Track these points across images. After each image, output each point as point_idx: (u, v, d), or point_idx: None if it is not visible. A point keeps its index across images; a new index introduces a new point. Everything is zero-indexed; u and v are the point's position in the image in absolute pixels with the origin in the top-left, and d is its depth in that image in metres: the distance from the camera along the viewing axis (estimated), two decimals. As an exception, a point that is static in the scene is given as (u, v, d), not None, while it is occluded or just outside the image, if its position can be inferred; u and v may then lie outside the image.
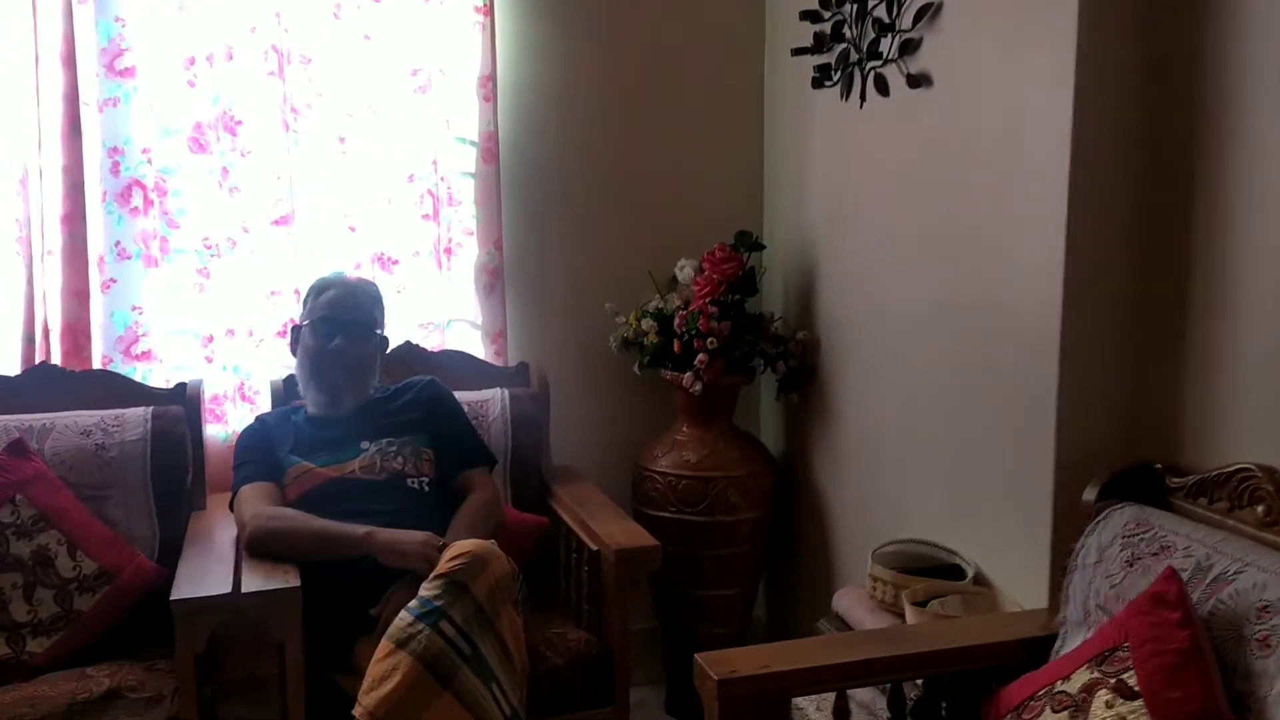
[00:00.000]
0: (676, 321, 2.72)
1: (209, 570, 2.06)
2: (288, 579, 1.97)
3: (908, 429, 2.38)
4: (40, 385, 2.42)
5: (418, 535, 2.03)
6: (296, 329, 2.38)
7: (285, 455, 2.26)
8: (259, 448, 2.30)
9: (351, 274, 2.52)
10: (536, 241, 2.89)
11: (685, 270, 2.79)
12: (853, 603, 2.11)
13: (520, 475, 2.64)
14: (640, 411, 2.96)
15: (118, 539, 2.29)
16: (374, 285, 2.43)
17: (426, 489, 2.25)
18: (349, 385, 2.30)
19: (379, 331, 2.38)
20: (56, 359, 2.50)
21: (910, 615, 1.94)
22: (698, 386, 2.66)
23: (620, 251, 2.93)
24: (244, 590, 1.93)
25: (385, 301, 2.43)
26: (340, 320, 2.29)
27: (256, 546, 2.11)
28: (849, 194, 2.60)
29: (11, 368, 2.48)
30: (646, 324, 2.75)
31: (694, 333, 2.66)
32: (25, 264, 2.46)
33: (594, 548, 2.30)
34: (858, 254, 2.57)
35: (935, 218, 2.25)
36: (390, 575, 2.02)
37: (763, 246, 2.79)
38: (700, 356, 2.65)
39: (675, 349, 2.70)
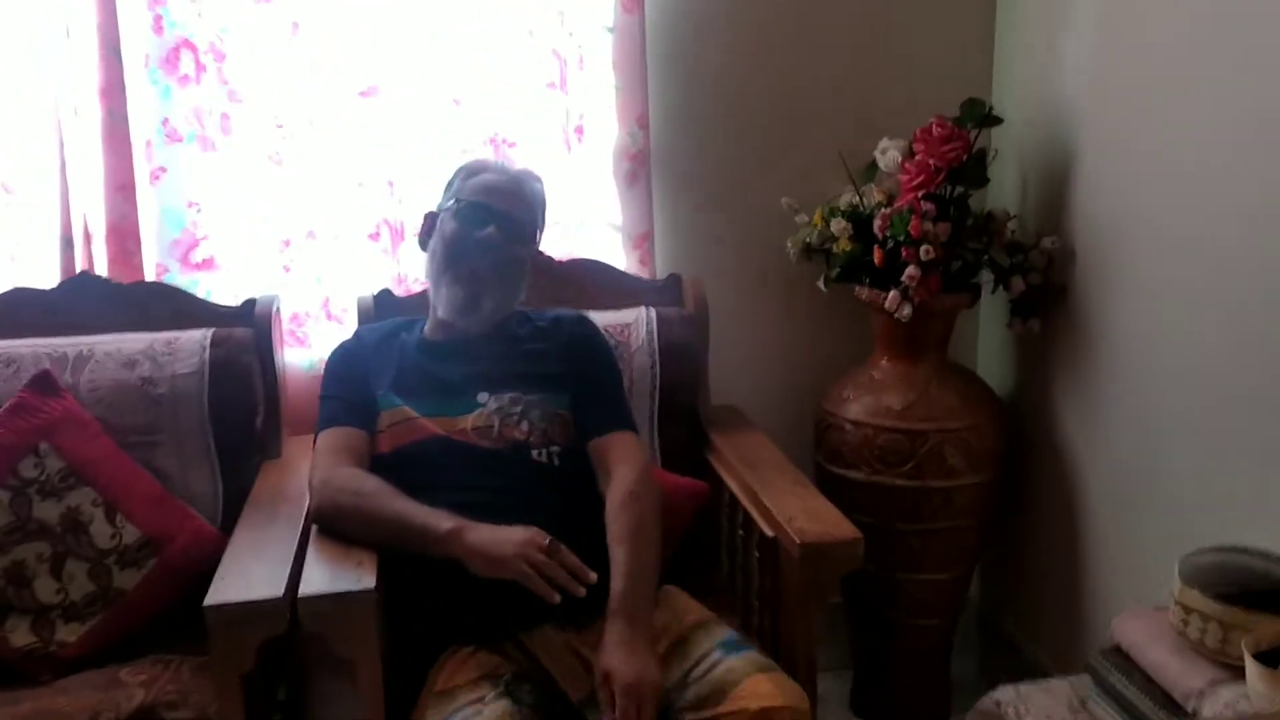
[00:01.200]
0: (877, 222, 2.06)
1: (263, 555, 1.58)
2: (361, 577, 1.47)
3: (1215, 381, 1.69)
4: (79, 300, 1.98)
5: (515, 534, 1.50)
6: (433, 216, 1.84)
7: (384, 391, 1.75)
8: (350, 377, 1.79)
9: (509, 160, 1.99)
10: (693, 116, 2.25)
11: (889, 154, 2.12)
12: (1147, 637, 1.47)
13: (670, 420, 2.08)
14: (825, 339, 2.34)
15: (168, 498, 1.85)
16: (540, 181, 1.88)
17: (556, 462, 1.70)
18: (493, 287, 1.76)
19: (536, 238, 1.88)
20: (101, 268, 2.04)
21: (1259, 678, 1.29)
22: (906, 310, 2.02)
23: (802, 129, 2.28)
24: (301, 593, 1.43)
25: (545, 199, 1.89)
26: (496, 210, 1.76)
27: (324, 523, 1.63)
28: (1131, 54, 1.87)
29: (50, 278, 2.03)
30: (837, 225, 2.11)
31: (902, 237, 2.00)
32: (57, 150, 1.99)
33: (769, 533, 1.72)
34: (1140, 137, 1.85)
35: (1272, 90, 1.52)
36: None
37: (998, 120, 2.08)
38: (910, 270, 2.00)
39: (875, 259, 2.06)
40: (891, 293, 2.03)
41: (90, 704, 1.55)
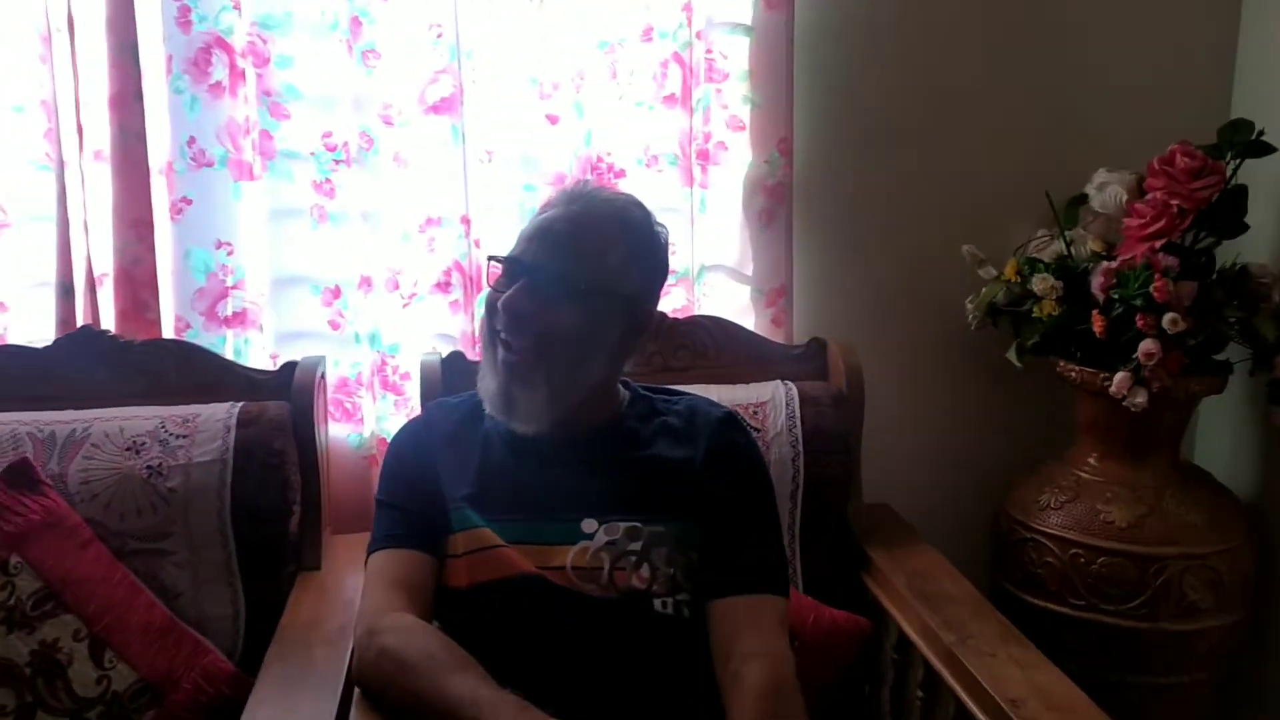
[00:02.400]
0: (1098, 279, 1.60)
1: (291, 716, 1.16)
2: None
3: None
4: (79, 361, 1.61)
5: None
6: None
7: (459, 502, 1.29)
8: (416, 478, 1.33)
9: (613, 188, 1.50)
10: (847, 142, 1.83)
11: (1110, 190, 1.67)
12: None
13: (815, 529, 1.64)
14: (1008, 425, 1.91)
15: (175, 626, 1.45)
16: (636, 209, 1.34)
17: (686, 613, 1.25)
18: (530, 372, 1.26)
19: (619, 293, 1.29)
20: (108, 321, 1.66)
21: None
22: (1141, 397, 1.54)
23: (987, 158, 1.83)
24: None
25: (660, 239, 1.35)
26: (527, 260, 1.26)
27: (365, 687, 1.21)
28: None
29: (45, 333, 1.65)
30: (1041, 281, 1.65)
31: (1137, 301, 1.53)
32: (56, 174, 1.61)
33: (982, 718, 1.25)
34: None
35: None
36: None
37: (1270, 149, 1.59)
38: (1147, 345, 1.53)
39: (1096, 327, 1.59)
40: (1120, 374, 1.56)
41: None
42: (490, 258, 1.31)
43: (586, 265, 1.26)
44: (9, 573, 1.38)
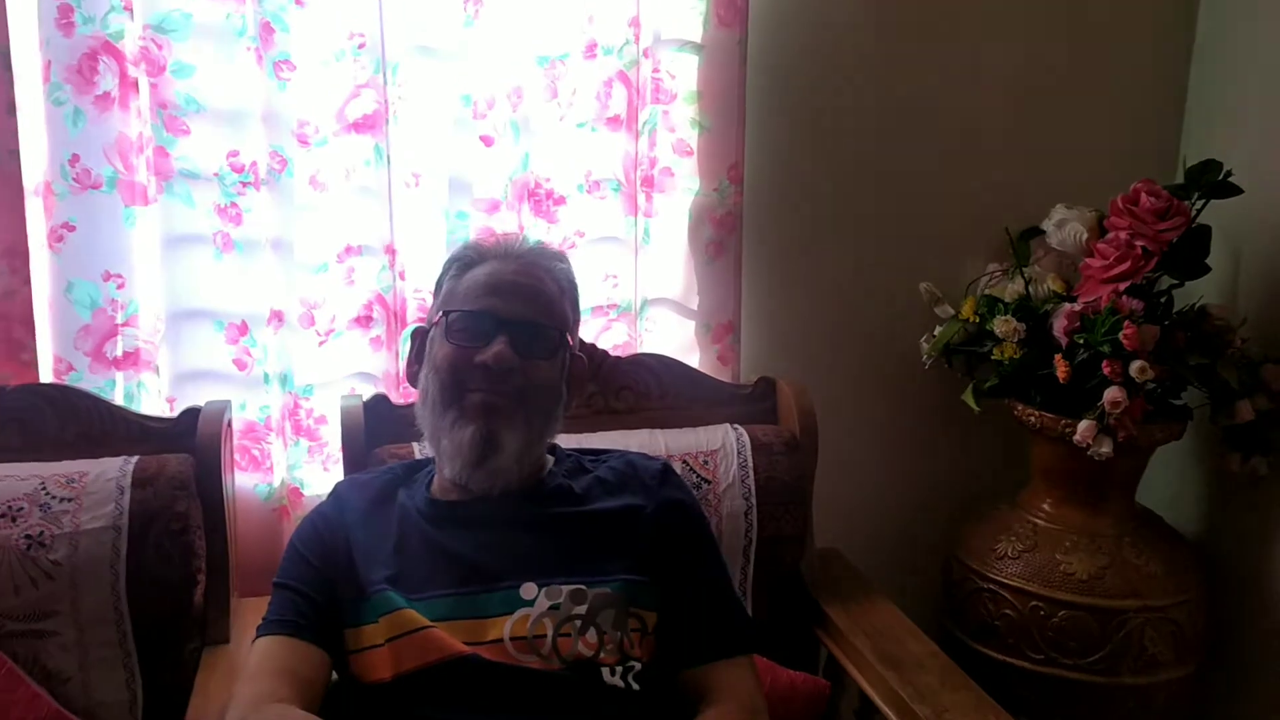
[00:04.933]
0: (1060, 322, 1.58)
1: None
2: None
3: None
4: (-59, 411, 1.41)
5: None
6: (422, 334, 1.30)
7: (376, 582, 1.20)
8: (316, 562, 1.24)
9: (522, 236, 1.42)
10: (799, 170, 1.76)
11: (1069, 227, 1.64)
12: None
13: (768, 585, 1.58)
14: (960, 468, 1.86)
15: (61, 717, 1.28)
16: (562, 258, 1.34)
17: (635, 685, 1.18)
18: (516, 423, 1.22)
19: (570, 343, 1.29)
20: (-23, 364, 1.48)
21: None
22: (1106, 447, 1.52)
23: (946, 193, 1.79)
24: None
25: (575, 286, 1.33)
26: (505, 315, 1.22)
27: None
28: None
29: (-99, 375, 1.47)
30: (1004, 324, 1.61)
31: (1104, 346, 1.51)
32: (-87, 195, 1.42)
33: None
34: None
35: None
36: None
37: (1236, 191, 1.58)
38: (1112, 393, 1.50)
39: (1059, 373, 1.56)
40: (1084, 422, 1.53)
41: None
42: (448, 311, 1.24)
43: (555, 318, 1.27)
44: None
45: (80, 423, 1.46)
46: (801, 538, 1.61)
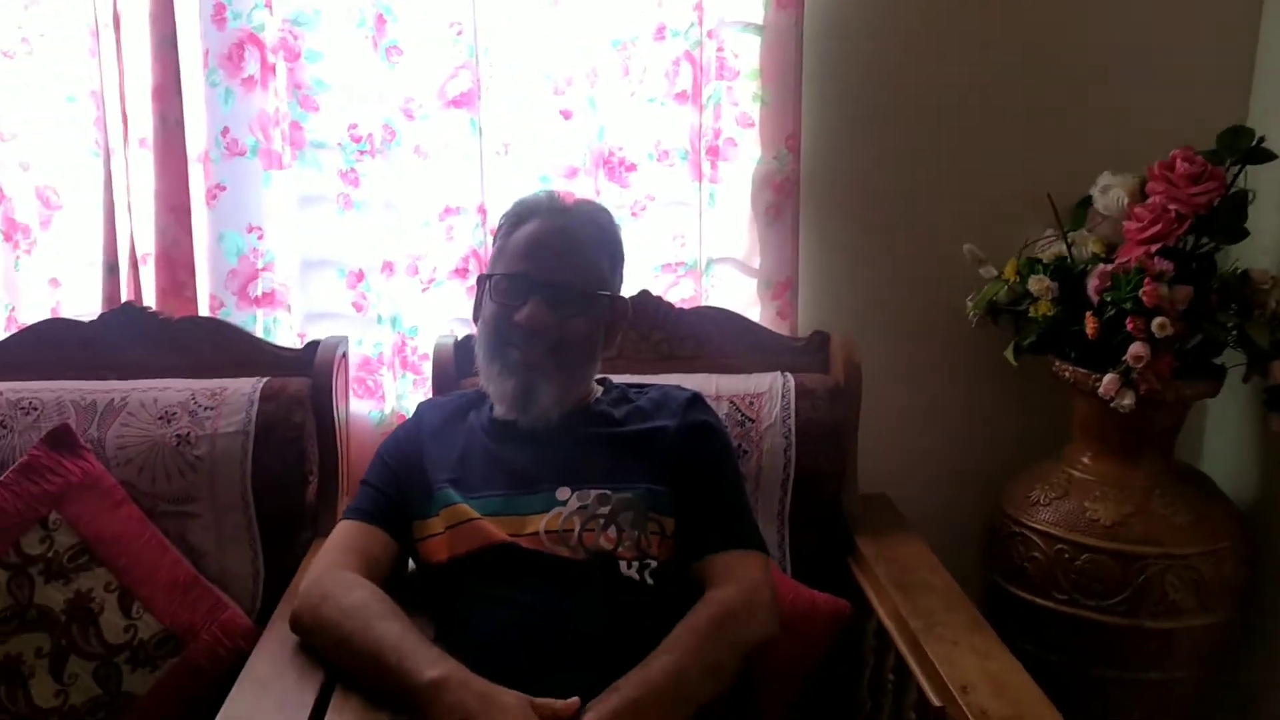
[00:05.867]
0: (1093, 282, 1.66)
1: (280, 682, 1.30)
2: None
3: None
4: (121, 335, 1.77)
5: (506, 698, 1.19)
6: (482, 280, 1.53)
7: (442, 485, 1.44)
8: (396, 465, 1.50)
9: (569, 194, 1.63)
10: (854, 139, 1.90)
11: (1112, 193, 1.71)
12: None
13: (805, 517, 1.74)
14: (1007, 423, 1.96)
15: (198, 582, 1.61)
16: (604, 214, 1.54)
17: (649, 580, 1.37)
18: (550, 374, 1.43)
19: (607, 294, 1.49)
20: (150, 299, 1.82)
21: None
22: (1128, 399, 1.60)
23: (993, 158, 1.89)
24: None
25: (622, 238, 1.52)
26: (538, 277, 1.42)
27: (301, 634, 1.37)
28: None
29: (93, 307, 1.82)
30: (1037, 282, 1.71)
31: (1127, 304, 1.59)
32: (103, 162, 1.77)
33: (934, 700, 1.35)
34: None
35: None
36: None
37: (1271, 155, 1.63)
38: (1135, 348, 1.59)
39: (1087, 329, 1.65)
40: (1109, 375, 1.62)
41: None
42: (489, 275, 1.46)
43: (584, 275, 1.45)
44: (48, 528, 1.54)
45: (227, 349, 1.77)
46: (838, 475, 1.76)
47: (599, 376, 1.55)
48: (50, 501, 1.55)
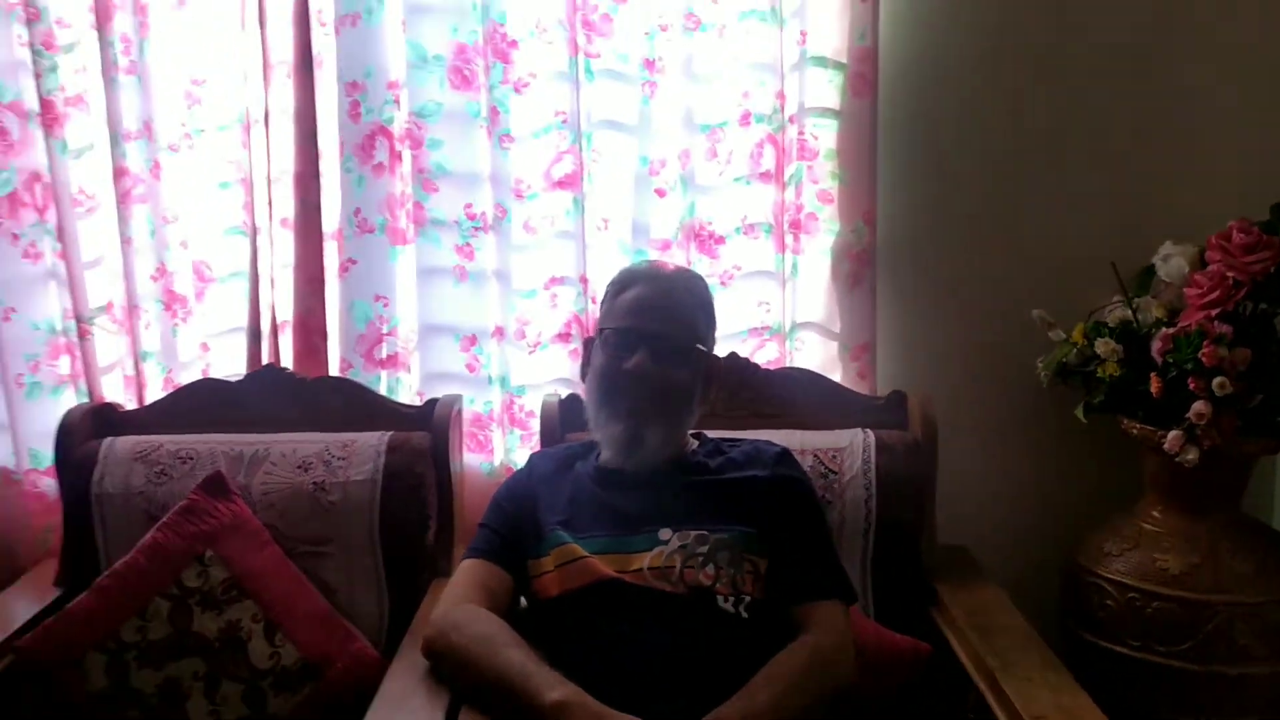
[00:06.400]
0: (1156, 344, 1.77)
1: (413, 702, 1.46)
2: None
3: None
4: (265, 394, 1.98)
5: None
6: (589, 341, 1.71)
7: (553, 527, 1.61)
8: (511, 509, 1.67)
9: (668, 263, 1.80)
10: (928, 213, 2.05)
11: (1173, 261, 1.83)
12: None
13: (886, 564, 1.85)
14: (1081, 478, 2.07)
15: (332, 616, 1.78)
16: (699, 280, 1.72)
17: (744, 614, 1.51)
18: (655, 419, 1.60)
19: (702, 348, 1.65)
20: (288, 361, 2.03)
21: None
22: (1192, 454, 1.71)
23: (1061, 231, 2.04)
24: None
25: (714, 301, 1.70)
26: (644, 330, 1.60)
27: (433, 660, 1.53)
28: None
29: (238, 369, 2.04)
30: (1103, 345, 1.83)
31: (1189, 365, 1.70)
32: (250, 239, 2.00)
33: (1011, 732, 1.45)
34: None
35: None
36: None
37: (1323, 225, 1.75)
38: (1198, 406, 1.69)
39: (1153, 388, 1.76)
40: (1173, 432, 1.73)
41: None
42: (600, 330, 1.63)
43: (684, 330, 1.62)
44: (204, 563, 1.74)
45: (355, 405, 1.96)
46: (918, 526, 1.87)
47: (693, 431, 1.71)
48: (206, 540, 1.75)
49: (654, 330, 1.59)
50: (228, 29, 1.95)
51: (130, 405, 2.02)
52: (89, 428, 1.93)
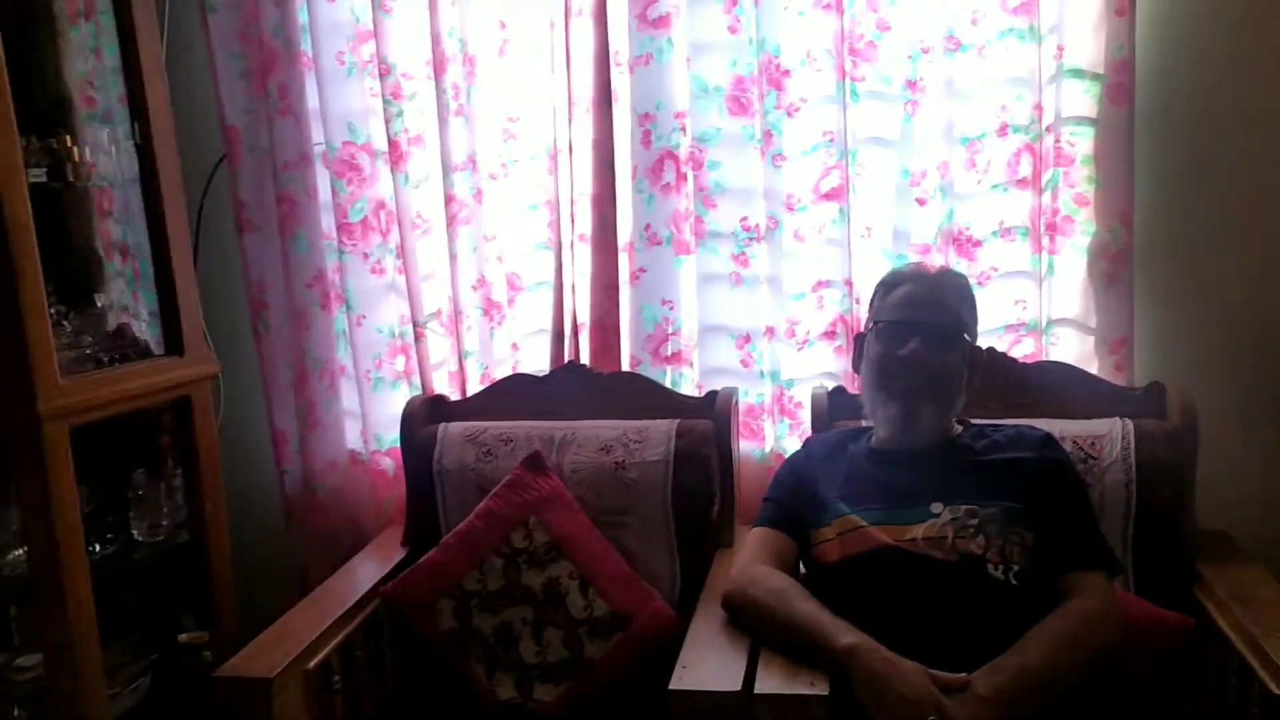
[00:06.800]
0: None
1: (719, 647, 1.70)
2: (814, 683, 1.53)
3: None
4: (567, 388, 2.28)
5: (908, 682, 1.50)
6: (860, 337, 1.92)
7: (832, 499, 1.82)
8: (793, 485, 1.90)
9: (932, 263, 2.00)
10: (1183, 215, 2.14)
11: None
12: None
13: (1147, 546, 1.95)
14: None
15: (634, 577, 2.05)
16: (962, 277, 1.91)
17: (1015, 581, 1.66)
18: (929, 400, 1.79)
19: (968, 338, 1.84)
20: (586, 358, 2.34)
21: None
22: None
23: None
24: (758, 690, 1.53)
25: (973, 294, 1.88)
26: (916, 322, 1.80)
27: (731, 611, 1.77)
28: None
29: (543, 365, 2.37)
30: (1370, 336, 1.86)
31: None
32: (555, 253, 2.32)
33: (1275, 689, 1.55)
34: None
35: None
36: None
37: None
38: None
39: None
40: None
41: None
42: (875, 322, 1.84)
43: (952, 320, 1.80)
44: (528, 528, 2.05)
45: (645, 397, 2.23)
46: (1178, 509, 1.95)
47: (958, 418, 1.88)
48: (529, 508, 2.06)
49: (924, 321, 1.78)
50: (538, 74, 2.27)
51: (454, 397, 2.38)
52: (425, 415, 2.30)
